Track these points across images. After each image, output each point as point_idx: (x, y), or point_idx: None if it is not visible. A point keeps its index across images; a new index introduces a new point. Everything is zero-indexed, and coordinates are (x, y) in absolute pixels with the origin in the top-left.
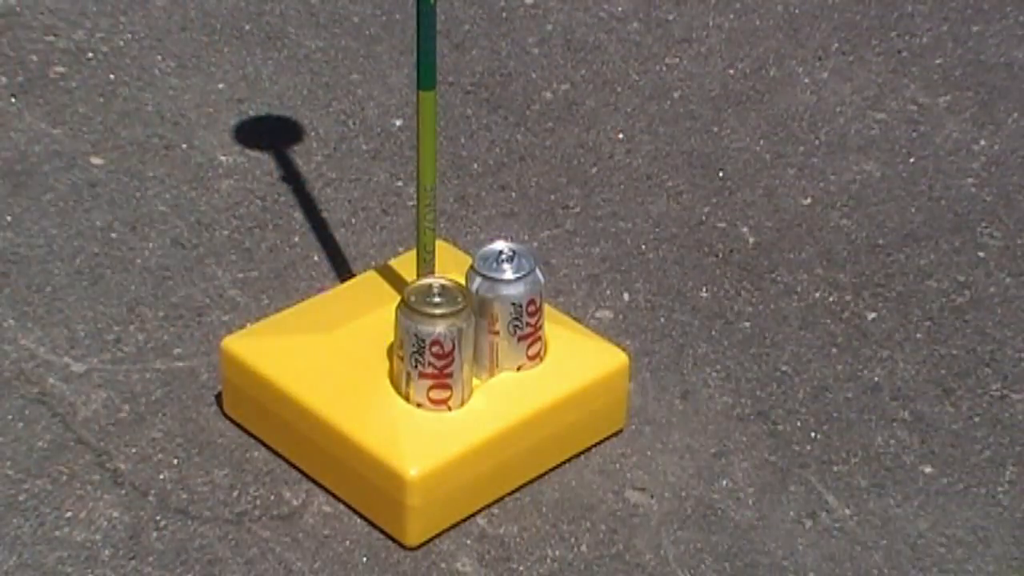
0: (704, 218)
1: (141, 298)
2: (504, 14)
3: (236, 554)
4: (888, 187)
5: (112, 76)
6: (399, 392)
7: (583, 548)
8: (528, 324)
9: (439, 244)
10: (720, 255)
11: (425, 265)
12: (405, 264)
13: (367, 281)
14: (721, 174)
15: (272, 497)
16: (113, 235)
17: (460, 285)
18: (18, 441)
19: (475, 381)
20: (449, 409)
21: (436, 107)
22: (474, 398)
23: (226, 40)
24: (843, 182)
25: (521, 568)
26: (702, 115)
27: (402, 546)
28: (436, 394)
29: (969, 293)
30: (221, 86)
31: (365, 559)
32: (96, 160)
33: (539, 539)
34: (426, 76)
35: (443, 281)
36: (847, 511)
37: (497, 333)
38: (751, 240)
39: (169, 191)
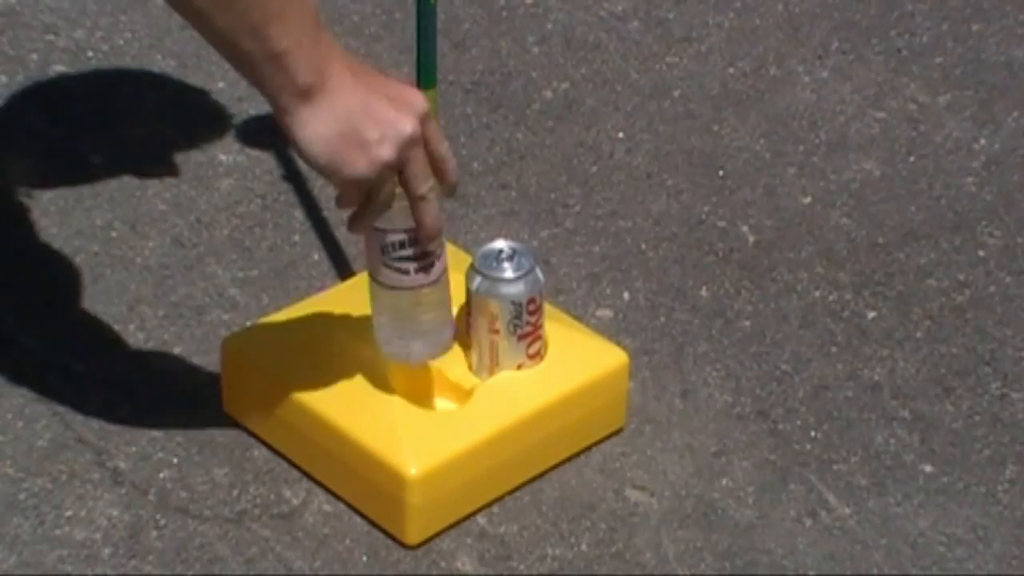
0: (704, 217)
1: (141, 297)
2: (504, 13)
3: (236, 553)
4: (888, 186)
5: (112, 75)
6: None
7: (583, 547)
8: (528, 323)
9: None
10: (720, 254)
11: None
12: None
13: (367, 280)
14: (721, 173)
15: (272, 496)
16: (113, 234)
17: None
18: (18, 440)
19: (475, 380)
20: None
21: (436, 106)
22: (474, 397)
23: None
24: (843, 181)
25: (521, 567)
26: (702, 114)
27: (402, 545)
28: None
29: (969, 292)
30: (221, 85)
31: (365, 558)
32: (96, 159)
33: (539, 538)
34: (426, 75)
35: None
36: (847, 510)
37: (497, 332)
38: (751, 239)
39: (169, 190)
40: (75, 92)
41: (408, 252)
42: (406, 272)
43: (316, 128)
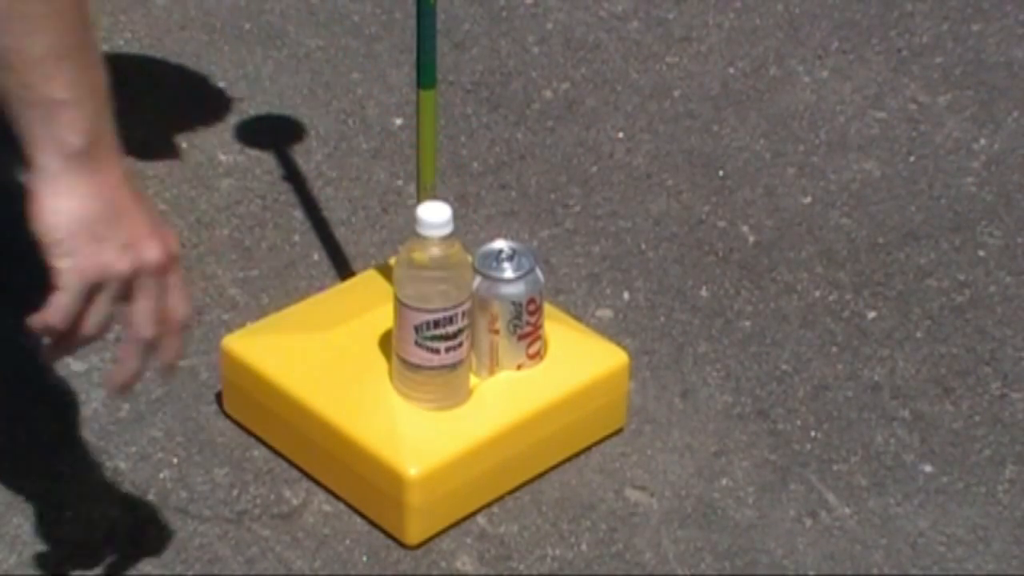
0: (704, 217)
1: None
2: (504, 13)
3: (236, 553)
4: (888, 186)
5: (112, 75)
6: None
7: (583, 547)
8: (528, 323)
9: None
10: (720, 254)
11: None
12: None
13: (367, 280)
14: (721, 173)
15: (272, 496)
16: None
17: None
18: (18, 440)
19: (475, 380)
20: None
21: (436, 106)
22: (474, 397)
23: (226, 39)
24: (843, 181)
25: (521, 567)
26: (702, 114)
27: (402, 545)
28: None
29: (969, 292)
30: (221, 85)
31: (365, 558)
32: None
33: (539, 538)
34: (426, 75)
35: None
36: (847, 510)
37: (497, 332)
38: (751, 239)
39: (169, 190)
40: None
41: (441, 332)
42: (436, 351)
43: (69, 202)
